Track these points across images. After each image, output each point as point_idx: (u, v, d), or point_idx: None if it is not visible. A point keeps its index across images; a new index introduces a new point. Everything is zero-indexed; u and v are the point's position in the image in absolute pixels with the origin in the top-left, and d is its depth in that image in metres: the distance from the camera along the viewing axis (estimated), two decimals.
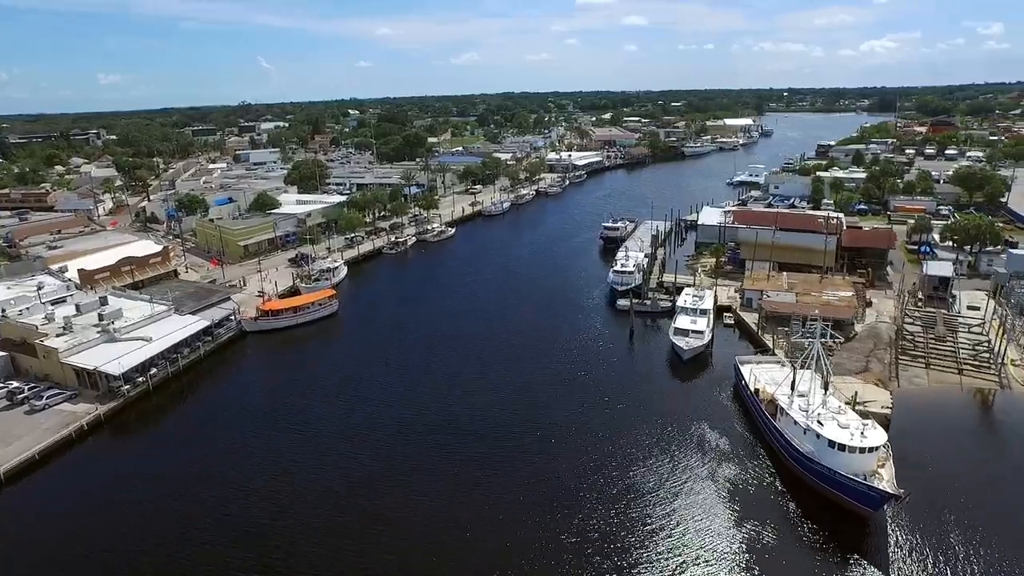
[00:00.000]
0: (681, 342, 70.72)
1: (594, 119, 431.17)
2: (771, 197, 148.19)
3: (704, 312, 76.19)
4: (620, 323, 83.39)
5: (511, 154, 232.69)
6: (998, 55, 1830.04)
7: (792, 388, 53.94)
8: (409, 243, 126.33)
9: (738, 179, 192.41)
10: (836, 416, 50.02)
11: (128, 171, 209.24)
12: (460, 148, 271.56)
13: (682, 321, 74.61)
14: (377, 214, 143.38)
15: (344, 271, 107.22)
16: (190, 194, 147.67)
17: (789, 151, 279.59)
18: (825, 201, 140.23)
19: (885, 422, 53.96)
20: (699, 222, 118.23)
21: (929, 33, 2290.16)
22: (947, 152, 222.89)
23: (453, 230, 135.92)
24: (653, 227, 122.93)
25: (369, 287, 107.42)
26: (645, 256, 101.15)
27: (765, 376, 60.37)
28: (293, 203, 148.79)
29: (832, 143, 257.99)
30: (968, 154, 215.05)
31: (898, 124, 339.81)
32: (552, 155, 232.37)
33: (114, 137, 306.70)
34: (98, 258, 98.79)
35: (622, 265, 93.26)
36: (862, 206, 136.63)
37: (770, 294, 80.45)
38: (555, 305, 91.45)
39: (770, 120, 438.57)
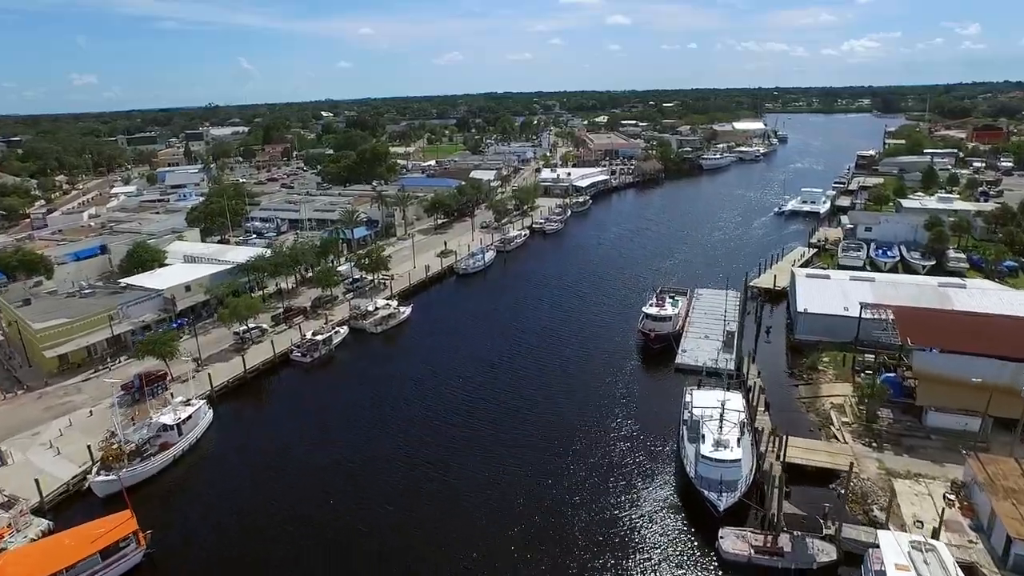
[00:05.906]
0: None
1: (586, 122, 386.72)
2: (867, 246, 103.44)
3: None
4: None
5: (495, 171, 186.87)
6: (975, 55, 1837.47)
7: None
8: (336, 339, 78.05)
9: (789, 208, 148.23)
10: None
11: None
12: (433, 162, 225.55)
13: None
14: (297, 280, 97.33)
15: (206, 417, 60.67)
16: (21, 246, 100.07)
17: (818, 162, 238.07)
18: (952, 254, 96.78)
19: None
20: (799, 307, 72.96)
21: (909, 33, 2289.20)
22: None
23: (408, 309, 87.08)
24: (724, 308, 78.57)
25: (244, 458, 57.59)
26: (743, 398, 55.45)
27: None
28: (182, 259, 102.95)
29: (873, 152, 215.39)
30: None
31: (931, 129, 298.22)
32: (547, 173, 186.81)
33: (20, 150, 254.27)
34: None
35: (717, 442, 46.31)
36: (1010, 263, 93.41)
37: None
38: (584, 540, 45.15)
39: (773, 121, 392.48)
